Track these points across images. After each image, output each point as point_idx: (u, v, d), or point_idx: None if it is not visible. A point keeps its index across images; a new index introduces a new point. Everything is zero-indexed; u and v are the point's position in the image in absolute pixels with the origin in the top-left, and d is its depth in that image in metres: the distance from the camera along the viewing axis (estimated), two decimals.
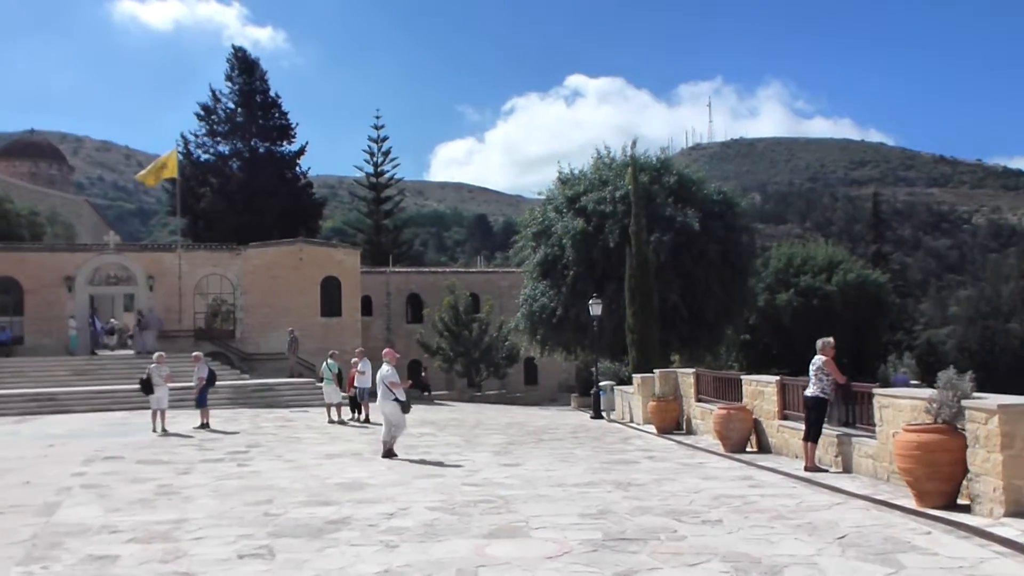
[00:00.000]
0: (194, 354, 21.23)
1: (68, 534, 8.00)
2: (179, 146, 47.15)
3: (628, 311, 25.36)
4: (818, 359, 11.40)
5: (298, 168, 51.80)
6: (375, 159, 60.72)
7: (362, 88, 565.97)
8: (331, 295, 37.17)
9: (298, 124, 52.26)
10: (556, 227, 31.11)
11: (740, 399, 15.14)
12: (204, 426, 19.14)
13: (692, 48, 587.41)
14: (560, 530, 7.83)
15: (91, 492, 10.60)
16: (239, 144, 50.10)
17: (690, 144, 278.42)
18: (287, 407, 26.08)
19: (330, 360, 21.69)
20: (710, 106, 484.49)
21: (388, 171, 61.31)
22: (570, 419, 25.13)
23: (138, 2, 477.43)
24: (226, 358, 33.46)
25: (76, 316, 33.78)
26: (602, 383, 25.80)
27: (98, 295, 36.10)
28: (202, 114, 49.89)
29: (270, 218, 45.77)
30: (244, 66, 50.59)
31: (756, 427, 14.41)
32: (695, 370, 19.25)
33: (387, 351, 14.49)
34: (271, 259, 36.74)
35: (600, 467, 12.71)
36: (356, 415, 21.58)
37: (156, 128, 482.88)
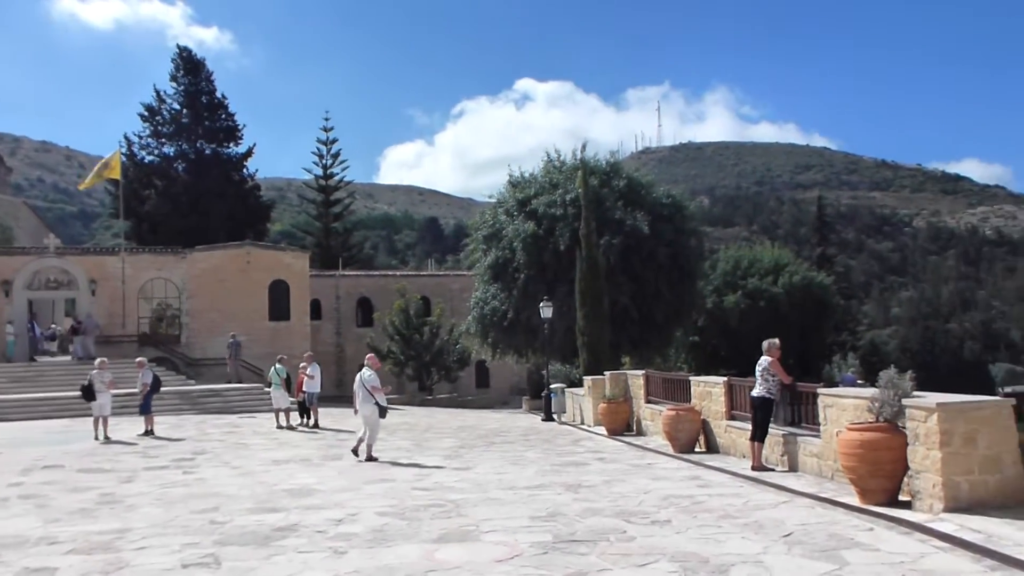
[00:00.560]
0: (138, 360, 20.80)
1: (4, 546, 7.75)
2: (122, 147, 46.06)
3: (579, 314, 25.46)
4: (764, 360, 11.58)
5: (245, 170, 51.06)
6: (324, 161, 60.17)
7: (310, 90, 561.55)
8: (279, 299, 36.70)
9: (245, 126, 51.57)
10: (507, 230, 31.10)
11: (689, 400, 15.30)
12: (148, 433, 18.75)
13: (640, 53, 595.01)
14: (510, 533, 7.82)
15: (29, 502, 10.30)
16: (184, 146, 49.18)
17: (640, 148, 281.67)
18: (234, 413, 25.68)
19: (278, 365, 21.40)
20: (659, 110, 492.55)
21: (337, 173, 60.82)
22: (521, 422, 25.14)
23: (78, 0, 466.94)
24: (171, 363, 32.83)
25: (14, 321, 32.83)
26: (553, 385, 25.87)
27: (37, 300, 35.15)
28: (146, 115, 48.88)
29: (217, 221, 45.01)
30: (189, 67, 49.71)
31: (704, 428, 14.58)
32: (645, 372, 19.41)
33: (370, 356, 14.86)
34: (218, 263, 36.14)
35: (551, 469, 12.73)
36: (305, 420, 21.34)
37: (98, 129, 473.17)
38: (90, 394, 18.25)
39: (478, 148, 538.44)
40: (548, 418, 24.54)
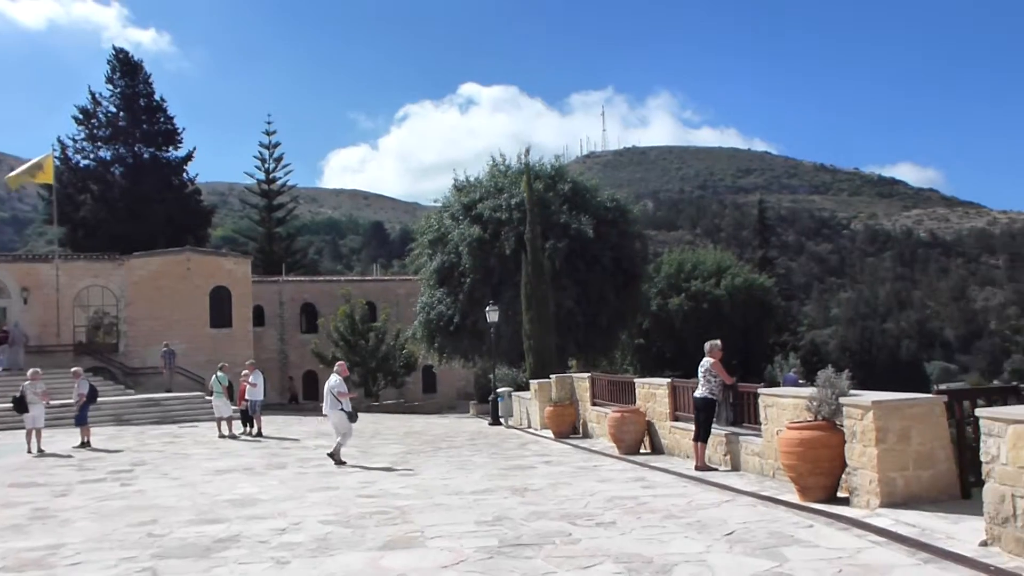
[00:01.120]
0: (73, 370, 20.23)
1: None
2: (56, 151, 44.80)
3: (524, 317, 25.51)
4: (706, 361, 11.74)
5: (185, 174, 49.95)
6: (267, 165, 59.43)
7: (252, 93, 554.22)
8: (221, 306, 36.08)
9: (185, 129, 50.51)
10: (452, 234, 31.04)
11: (634, 402, 15.43)
12: (84, 445, 18.24)
13: (583, 58, 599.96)
14: (456, 538, 7.78)
15: None
16: (122, 149, 47.95)
17: (585, 152, 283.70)
18: (175, 422, 25.14)
19: (220, 373, 21.01)
20: (603, 115, 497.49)
21: (280, 178, 60.12)
22: (469, 426, 25.09)
23: None
24: (109, 373, 32.03)
25: None
26: (500, 389, 25.88)
27: None
28: (81, 118, 47.53)
29: (155, 226, 43.98)
30: (126, 68, 48.55)
31: (649, 429, 14.72)
32: (590, 375, 19.54)
33: (340, 363, 15.36)
34: (156, 269, 35.39)
35: (497, 473, 12.72)
36: (247, 429, 21.00)
37: (30, 132, 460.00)
38: (22, 406, 17.68)
39: (423, 152, 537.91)
40: (495, 422, 24.54)
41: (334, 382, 14.45)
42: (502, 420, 24.54)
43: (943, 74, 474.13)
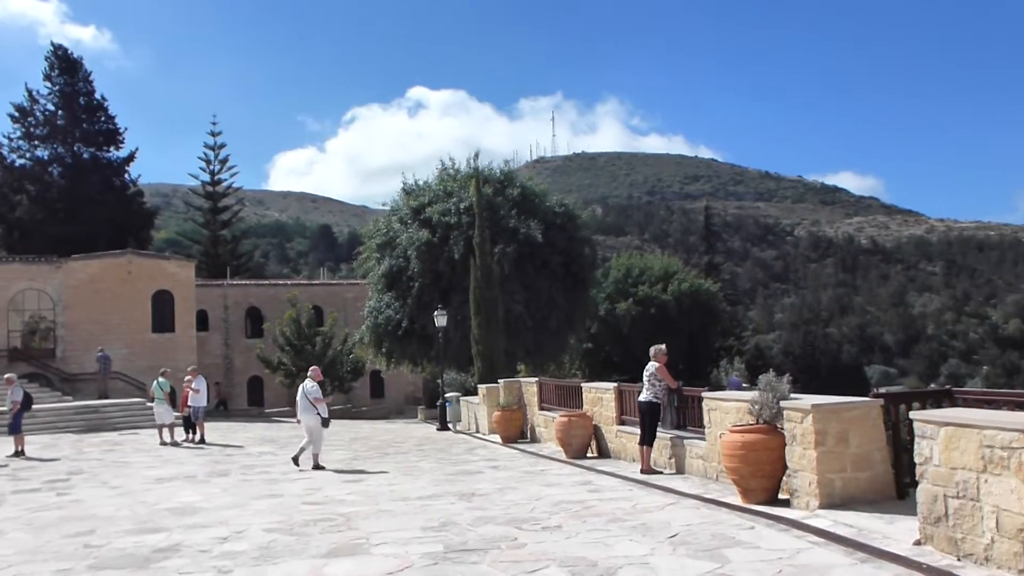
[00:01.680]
0: (6, 376, 19.61)
1: None
2: None
3: (473, 322, 25.51)
4: (651, 365, 11.86)
5: (127, 175, 48.83)
6: (212, 167, 58.51)
7: (197, 94, 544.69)
8: (163, 310, 35.37)
9: (127, 129, 49.47)
10: (401, 238, 30.92)
11: (581, 406, 15.51)
12: (18, 454, 17.71)
13: (532, 64, 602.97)
14: (401, 545, 7.73)
15: None
16: (60, 149, 46.70)
17: (534, 157, 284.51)
18: (115, 430, 24.57)
19: (162, 378, 20.60)
20: (553, 120, 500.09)
21: (226, 179, 59.22)
22: (416, 431, 24.97)
23: None
24: (46, 379, 31.20)
25: None
26: (448, 394, 25.81)
27: None
28: (17, 116, 46.17)
29: (95, 228, 42.89)
30: (65, 65, 47.32)
31: (596, 433, 14.81)
32: (538, 379, 19.59)
33: (313, 368, 15.62)
34: (96, 272, 34.54)
35: (444, 479, 12.68)
36: (190, 436, 20.60)
37: None
38: None
39: (371, 155, 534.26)
40: (443, 427, 24.47)
41: (309, 387, 14.61)
42: (450, 425, 24.48)
43: (883, 84, 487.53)
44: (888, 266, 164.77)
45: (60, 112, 46.72)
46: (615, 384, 14.85)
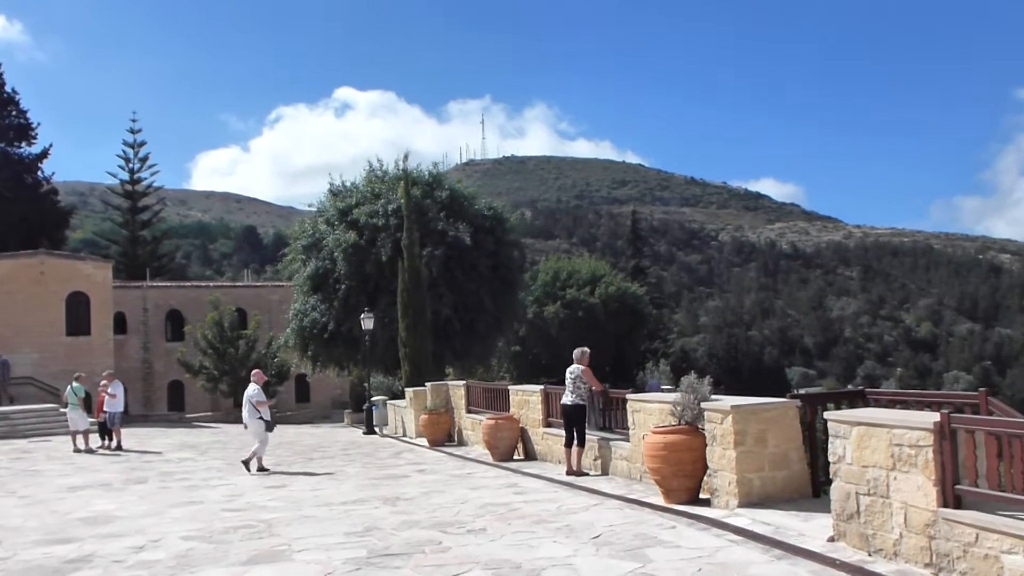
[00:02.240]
0: None
1: None
2: None
3: (401, 325, 25.31)
4: (576, 368, 11.96)
5: (40, 172, 47.14)
6: (131, 165, 56.70)
7: (116, 90, 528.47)
8: (78, 312, 34.18)
9: (40, 124, 47.69)
10: (328, 240, 30.51)
11: (508, 409, 15.55)
12: None
13: (461, 66, 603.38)
14: (324, 551, 7.63)
15: None
16: None
17: (464, 160, 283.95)
18: (25, 437, 23.61)
19: (76, 383, 19.88)
20: (483, 123, 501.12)
21: (146, 178, 57.44)
22: (343, 436, 24.68)
23: None
24: None
25: None
26: (375, 398, 25.59)
27: None
28: None
29: (6, 227, 41.25)
30: None
31: (523, 435, 14.86)
32: (466, 382, 19.58)
33: (256, 372, 15.67)
34: (6, 273, 33.18)
35: (369, 483, 12.56)
36: (106, 442, 19.93)
37: None
38: None
39: (297, 156, 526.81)
40: (370, 431, 24.23)
41: (252, 391, 14.67)
42: (377, 429, 24.25)
43: (804, 92, 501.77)
44: (808, 271, 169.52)
45: None
46: (542, 387, 14.93)
